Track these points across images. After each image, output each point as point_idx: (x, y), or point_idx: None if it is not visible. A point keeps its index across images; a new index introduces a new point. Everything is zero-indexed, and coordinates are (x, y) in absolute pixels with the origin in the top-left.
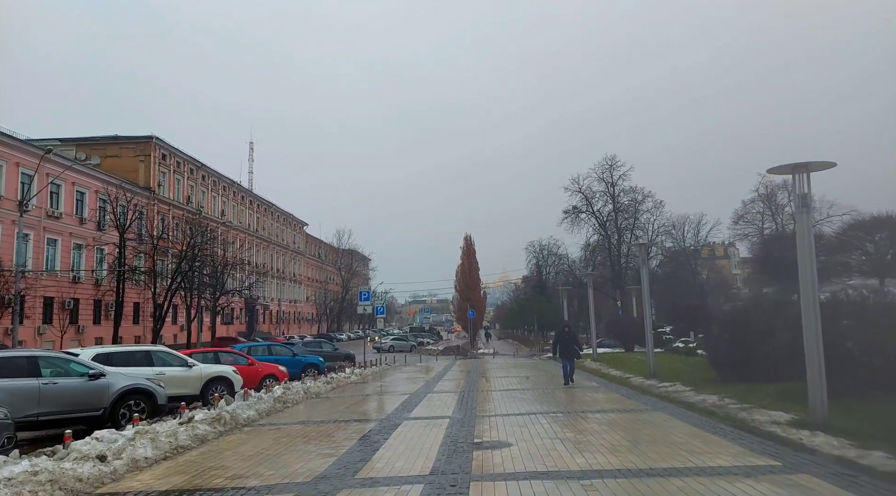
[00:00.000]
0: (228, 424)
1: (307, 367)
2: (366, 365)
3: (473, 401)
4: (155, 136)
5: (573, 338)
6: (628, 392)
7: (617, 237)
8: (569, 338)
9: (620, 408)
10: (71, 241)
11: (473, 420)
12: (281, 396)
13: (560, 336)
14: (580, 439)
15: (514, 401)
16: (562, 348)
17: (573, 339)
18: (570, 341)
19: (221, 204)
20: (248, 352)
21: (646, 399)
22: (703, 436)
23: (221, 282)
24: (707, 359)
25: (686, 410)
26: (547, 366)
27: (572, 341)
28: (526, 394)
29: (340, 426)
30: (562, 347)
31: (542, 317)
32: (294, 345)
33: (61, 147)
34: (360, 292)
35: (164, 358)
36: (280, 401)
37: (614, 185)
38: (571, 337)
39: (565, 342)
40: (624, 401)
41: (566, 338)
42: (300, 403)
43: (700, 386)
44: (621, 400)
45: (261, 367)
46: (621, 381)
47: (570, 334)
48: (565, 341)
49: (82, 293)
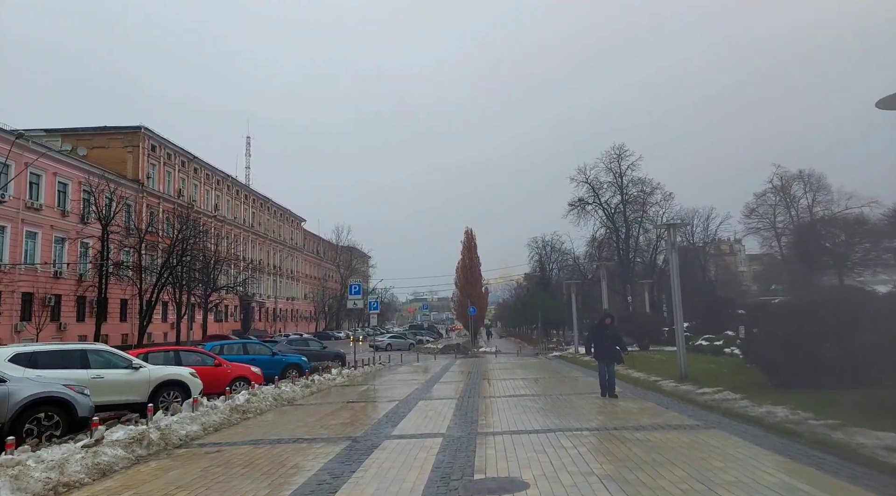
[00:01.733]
0: (154, 446)
1: (288, 368)
2: (356, 365)
3: (474, 410)
4: (144, 126)
5: (616, 335)
6: (663, 399)
7: (625, 230)
8: (610, 335)
9: (664, 424)
10: (52, 235)
11: (473, 441)
12: (241, 405)
13: (597, 331)
14: (627, 477)
15: (524, 411)
16: (598, 347)
17: (616, 336)
18: (610, 338)
19: (215, 198)
20: (219, 350)
21: (691, 410)
22: (803, 473)
23: (213, 278)
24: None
25: (753, 428)
26: (554, 365)
27: (614, 338)
28: (537, 402)
29: (301, 448)
30: (598, 346)
31: (546, 315)
32: (277, 343)
33: (47, 137)
34: (349, 285)
35: (104, 358)
36: (239, 410)
37: (622, 176)
38: (613, 333)
39: (604, 339)
40: (663, 413)
41: (606, 333)
42: (266, 413)
43: (753, 393)
44: (659, 411)
45: (230, 369)
46: (649, 385)
47: (611, 329)
48: (605, 338)
49: (64, 289)
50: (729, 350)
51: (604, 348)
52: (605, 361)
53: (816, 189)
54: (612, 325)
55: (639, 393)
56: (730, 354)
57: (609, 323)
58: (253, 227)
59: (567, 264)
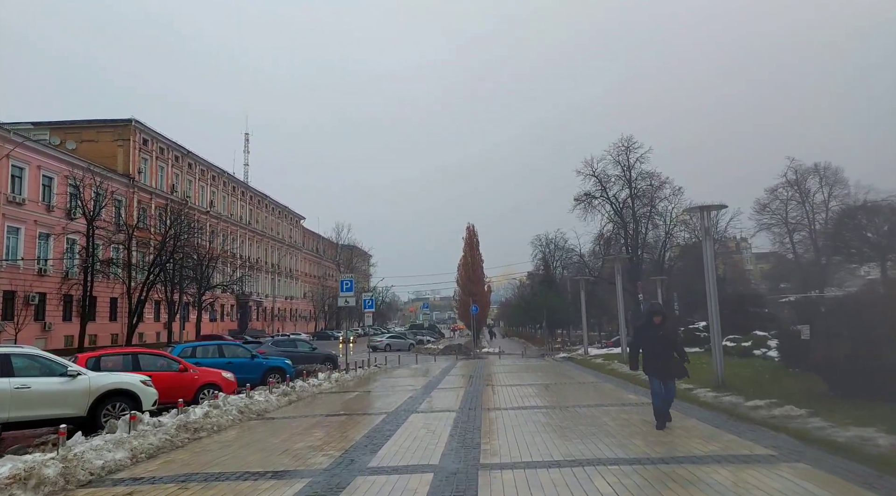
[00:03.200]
0: (47, 487)
1: (270, 373)
2: (347, 368)
3: (475, 429)
4: (134, 118)
5: (672, 339)
6: (706, 415)
7: (634, 225)
8: (662, 339)
9: (726, 454)
10: (36, 230)
11: (475, 480)
12: (195, 421)
13: (645, 333)
14: None
15: (538, 430)
16: (649, 355)
17: (672, 340)
18: (664, 343)
19: (210, 194)
20: (191, 353)
21: (749, 431)
22: None
23: (206, 276)
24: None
25: (850, 462)
26: (564, 369)
27: (670, 343)
28: (552, 417)
29: (240, 491)
30: (649, 354)
31: (550, 314)
32: (262, 344)
33: (35, 130)
34: (341, 282)
35: (33, 364)
36: (190, 428)
37: (631, 169)
38: (668, 335)
39: (656, 344)
40: (717, 435)
41: (657, 336)
42: (227, 430)
43: (820, 407)
44: (709, 432)
45: (197, 374)
46: (681, 395)
47: (664, 328)
48: (656, 343)
49: (49, 287)
50: (759, 352)
51: (656, 357)
52: (661, 376)
53: (833, 183)
54: (664, 325)
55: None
56: (761, 357)
57: (659, 322)
58: (250, 224)
59: (572, 262)
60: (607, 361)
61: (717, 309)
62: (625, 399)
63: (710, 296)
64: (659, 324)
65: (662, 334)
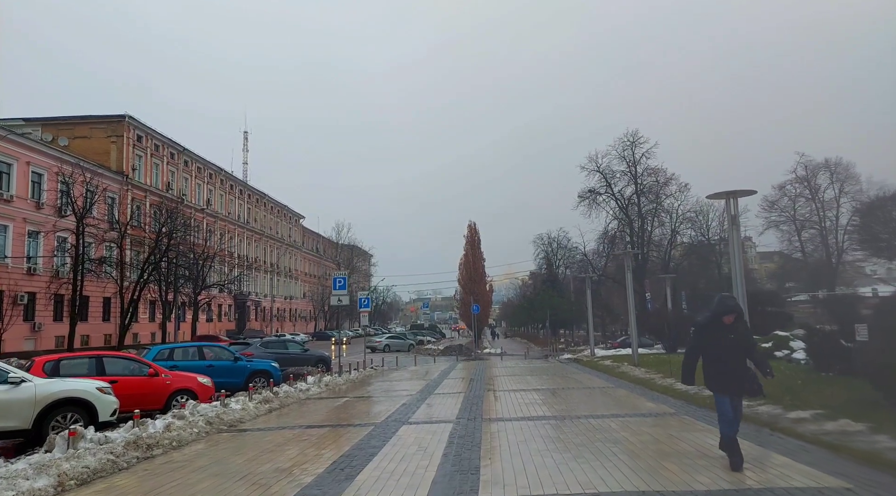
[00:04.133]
0: None
1: (254, 376)
2: (340, 371)
3: (474, 447)
4: (128, 114)
5: (747, 342)
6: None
7: (640, 223)
8: (736, 342)
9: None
10: (25, 228)
11: None
12: (150, 436)
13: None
14: None
15: (550, 449)
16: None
17: (746, 343)
18: (739, 348)
19: (207, 192)
20: (167, 355)
21: (804, 452)
22: None
23: (202, 275)
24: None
25: None
26: (570, 371)
27: (746, 348)
28: (564, 432)
29: None
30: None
31: (554, 314)
32: (250, 345)
33: (26, 126)
34: (333, 279)
35: None
36: (140, 446)
37: (636, 165)
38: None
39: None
40: (764, 457)
41: (729, 339)
42: (188, 445)
43: (879, 419)
44: (754, 453)
45: (170, 379)
46: (708, 403)
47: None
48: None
49: (39, 286)
50: (781, 354)
51: (725, 368)
52: (731, 392)
53: (844, 179)
54: (737, 326)
55: (698, 414)
56: (784, 359)
57: (731, 322)
58: (248, 223)
59: (575, 260)
60: (617, 363)
61: (745, 306)
62: (643, 408)
63: (737, 291)
64: (731, 325)
65: (735, 338)
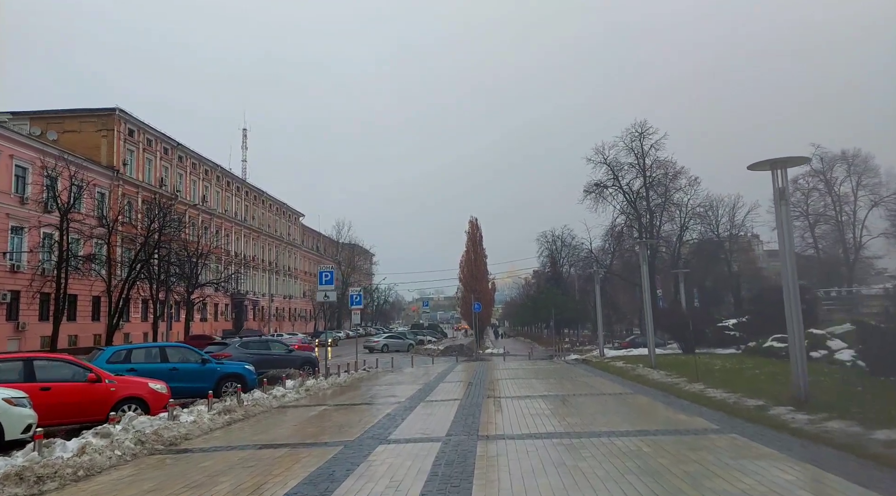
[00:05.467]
0: None
1: (225, 381)
2: (327, 373)
3: (464, 482)
4: (119, 107)
5: None
6: (814, 454)
7: (648, 217)
8: None
9: None
10: (8, 223)
11: None
12: (49, 464)
13: None
14: None
15: (564, 484)
16: None
17: None
18: None
19: (203, 189)
20: (124, 357)
21: None
22: None
23: (195, 273)
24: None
25: None
26: (578, 373)
27: None
28: (582, 458)
29: None
30: None
31: (558, 313)
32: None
33: (14, 120)
34: (320, 272)
35: None
36: (26, 479)
37: (645, 157)
38: None
39: None
40: None
41: None
42: (102, 473)
43: None
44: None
45: (115, 386)
46: (751, 416)
47: None
48: None
49: (23, 284)
50: (817, 354)
51: None
52: None
53: (862, 171)
54: None
55: (749, 431)
56: (824, 360)
57: None
58: (246, 220)
59: (580, 258)
60: (631, 365)
61: (797, 295)
62: (676, 422)
63: (787, 278)
64: None
65: None
